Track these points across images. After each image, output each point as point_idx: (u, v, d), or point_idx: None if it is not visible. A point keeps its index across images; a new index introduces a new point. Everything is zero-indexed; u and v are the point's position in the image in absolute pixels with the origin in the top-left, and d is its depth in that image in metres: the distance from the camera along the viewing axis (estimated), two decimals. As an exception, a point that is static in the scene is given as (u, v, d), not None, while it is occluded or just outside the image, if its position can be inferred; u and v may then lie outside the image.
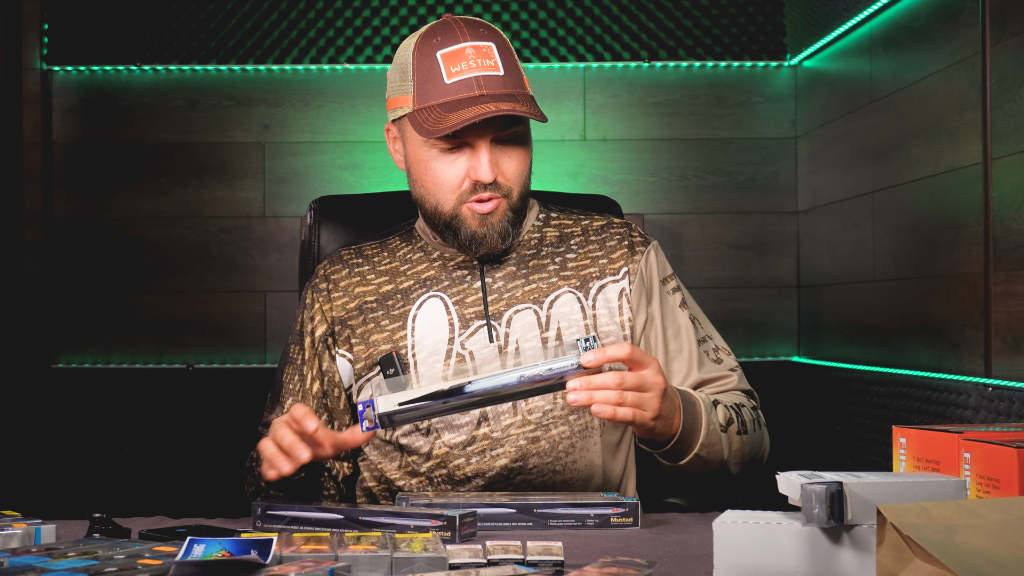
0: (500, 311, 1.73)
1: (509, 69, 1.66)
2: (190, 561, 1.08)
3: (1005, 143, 2.05)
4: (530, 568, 1.16)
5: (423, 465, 1.72)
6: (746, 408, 1.72)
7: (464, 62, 1.63)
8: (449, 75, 1.63)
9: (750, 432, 1.70)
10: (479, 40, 1.65)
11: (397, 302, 1.76)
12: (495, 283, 1.75)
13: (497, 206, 1.68)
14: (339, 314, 1.77)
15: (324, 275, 1.81)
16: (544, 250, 1.79)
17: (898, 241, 2.53)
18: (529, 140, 1.72)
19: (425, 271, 1.77)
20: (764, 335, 3.25)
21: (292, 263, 3.16)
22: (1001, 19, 2.07)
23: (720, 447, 1.63)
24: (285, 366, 1.81)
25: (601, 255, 1.79)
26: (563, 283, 1.76)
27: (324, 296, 1.79)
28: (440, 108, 1.63)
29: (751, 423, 1.71)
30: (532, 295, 1.74)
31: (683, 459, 1.61)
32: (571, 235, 1.81)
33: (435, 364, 1.71)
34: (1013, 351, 2.03)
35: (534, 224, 1.81)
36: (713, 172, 3.26)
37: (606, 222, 1.84)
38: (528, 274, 1.76)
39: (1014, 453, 1.15)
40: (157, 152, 3.23)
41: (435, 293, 1.75)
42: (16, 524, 1.32)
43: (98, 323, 3.20)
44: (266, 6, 3.19)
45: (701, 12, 3.20)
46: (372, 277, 1.79)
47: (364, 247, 1.84)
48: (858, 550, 1.09)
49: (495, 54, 1.65)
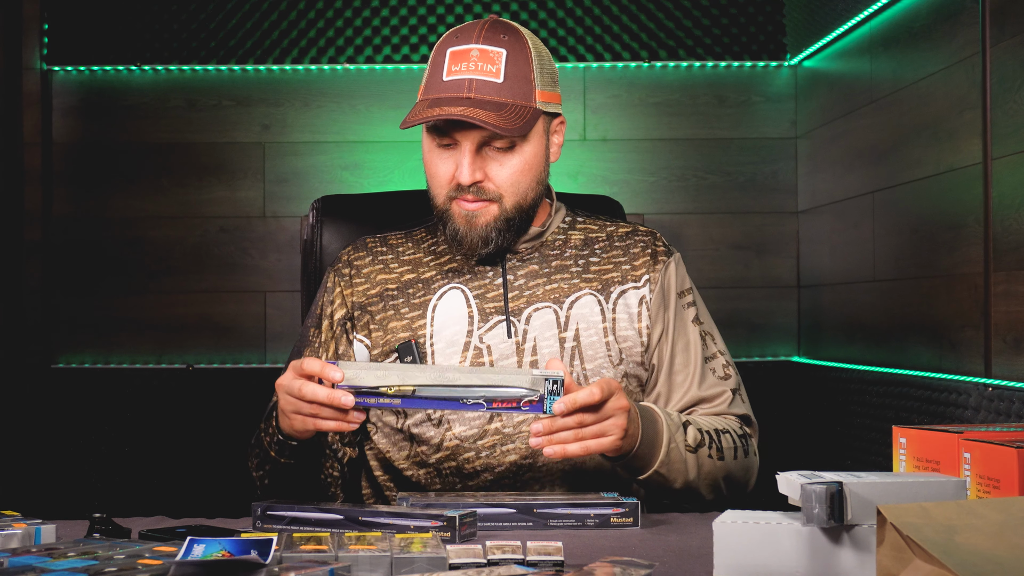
0: (520, 308, 1.75)
1: (514, 78, 1.66)
2: (190, 561, 1.08)
3: (1005, 143, 2.05)
4: (530, 568, 1.16)
5: (432, 456, 1.72)
6: (729, 435, 1.70)
7: (466, 63, 1.65)
8: (448, 72, 1.66)
9: (727, 459, 1.68)
10: (493, 45, 1.66)
11: (418, 291, 1.78)
12: (516, 280, 1.76)
13: (484, 209, 1.69)
14: (360, 299, 1.79)
15: (347, 260, 1.83)
16: (568, 252, 1.80)
17: (898, 241, 2.53)
18: (533, 151, 1.71)
19: (448, 263, 1.79)
20: (764, 335, 3.25)
21: (292, 263, 3.16)
22: (1001, 19, 2.07)
23: (683, 467, 1.63)
24: (302, 348, 1.82)
25: (624, 261, 1.80)
26: (585, 285, 1.77)
27: (346, 281, 1.81)
28: (429, 102, 1.66)
29: (731, 450, 1.69)
30: (553, 294, 1.76)
31: (643, 474, 1.62)
32: (596, 240, 1.82)
33: (452, 355, 1.72)
34: (1013, 351, 2.03)
35: (559, 226, 1.82)
36: (713, 172, 3.26)
37: (631, 229, 1.85)
38: (550, 274, 1.77)
39: (1014, 453, 1.15)
40: (157, 152, 3.23)
41: (456, 285, 1.77)
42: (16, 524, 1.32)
43: (98, 323, 3.20)
44: (266, 6, 3.19)
45: (701, 12, 3.20)
46: (395, 266, 1.81)
47: (389, 236, 1.86)
48: (858, 550, 1.09)
49: (501, 61, 1.66)
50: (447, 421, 1.71)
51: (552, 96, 1.72)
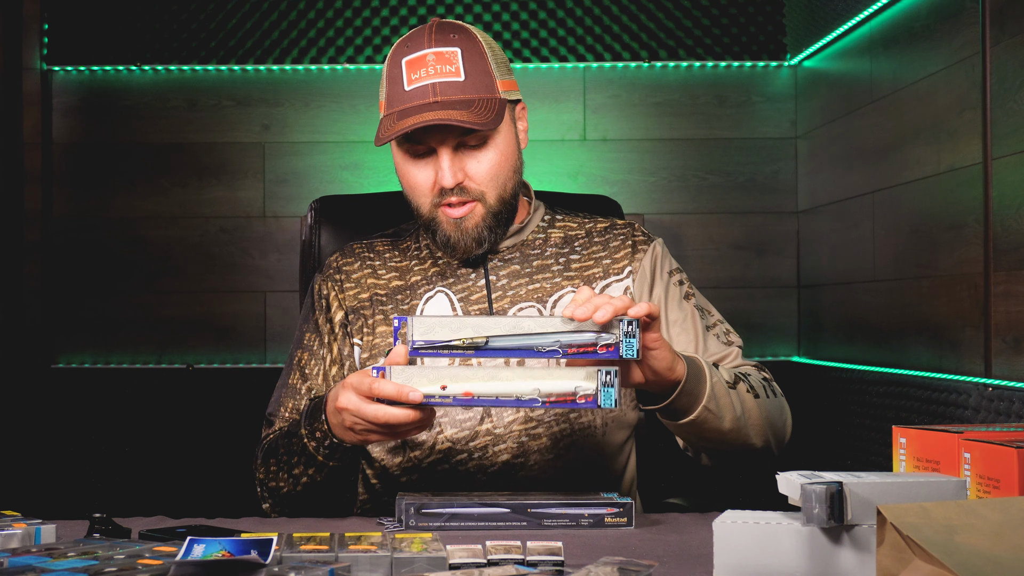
0: (504, 308, 1.75)
1: (474, 73, 1.67)
2: (190, 561, 1.08)
3: (1005, 143, 2.05)
4: (530, 568, 1.16)
5: (425, 461, 1.72)
6: (753, 377, 1.68)
7: (424, 68, 1.66)
8: (409, 82, 1.66)
9: (762, 396, 1.65)
10: (445, 46, 1.67)
11: (405, 297, 1.78)
12: (499, 280, 1.77)
13: (471, 210, 1.70)
14: (352, 304, 1.80)
15: (337, 266, 1.83)
16: (548, 250, 1.80)
17: (898, 241, 2.53)
18: (505, 142, 1.71)
19: (431, 267, 1.79)
20: (764, 335, 3.25)
21: (292, 263, 3.16)
22: (1001, 19, 2.07)
23: (729, 403, 1.58)
24: (299, 352, 1.81)
25: (604, 255, 1.80)
26: (567, 283, 1.77)
27: (339, 286, 1.81)
28: (397, 115, 1.65)
29: (761, 387, 1.66)
30: (536, 294, 1.76)
31: (690, 414, 1.55)
32: (575, 237, 1.83)
33: (440, 359, 1.72)
34: (1013, 351, 2.03)
35: (539, 225, 1.83)
36: (713, 172, 3.26)
37: (609, 224, 1.85)
38: (532, 273, 1.78)
39: (1014, 453, 1.15)
40: (157, 152, 3.23)
41: (440, 289, 1.77)
42: (16, 524, 1.32)
43: (98, 323, 3.20)
44: (266, 6, 3.19)
45: (701, 12, 3.20)
46: (383, 272, 1.82)
47: (375, 242, 1.86)
48: (858, 550, 1.09)
49: (458, 60, 1.66)
50: (439, 424, 1.71)
51: (510, 84, 1.73)
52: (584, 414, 1.73)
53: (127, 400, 3.15)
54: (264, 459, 1.72)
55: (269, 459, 1.70)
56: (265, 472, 1.71)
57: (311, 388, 1.78)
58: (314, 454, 1.61)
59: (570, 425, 1.72)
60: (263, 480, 1.72)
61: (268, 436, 1.76)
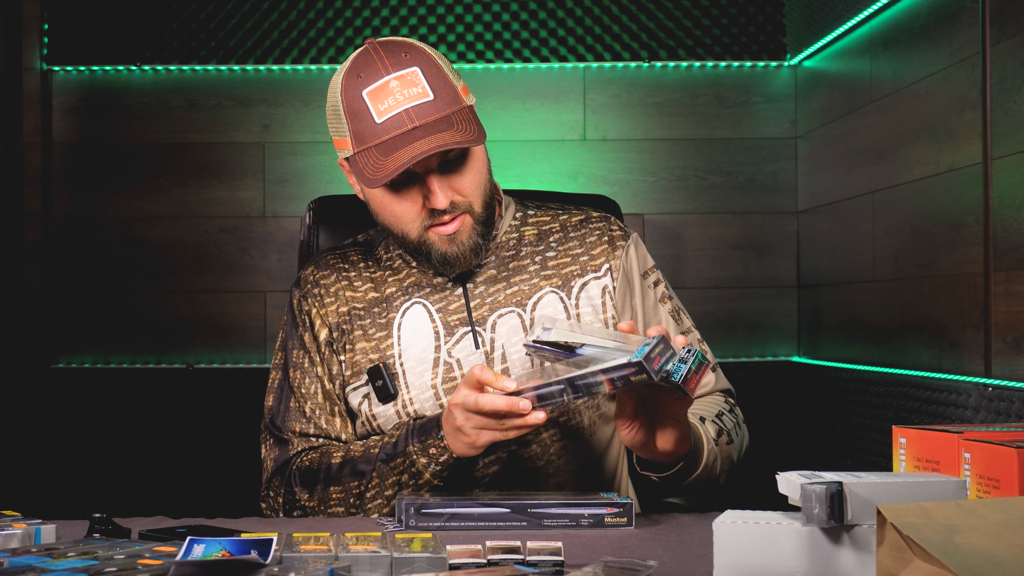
0: (484, 316, 1.73)
1: (439, 88, 1.62)
2: (190, 561, 1.08)
3: (1005, 143, 2.05)
4: (530, 568, 1.16)
5: None
6: (726, 415, 1.70)
7: (391, 97, 1.60)
8: (379, 114, 1.60)
9: (735, 440, 1.69)
10: (403, 68, 1.61)
11: (383, 310, 1.75)
12: (476, 288, 1.74)
13: (462, 223, 1.67)
14: (334, 320, 1.77)
15: (315, 280, 1.80)
16: (523, 250, 1.78)
17: (898, 241, 2.53)
18: (480, 148, 1.68)
19: (407, 277, 1.77)
20: (764, 335, 3.25)
21: (292, 263, 3.16)
22: (1001, 19, 2.07)
23: (713, 459, 1.61)
24: (292, 372, 1.77)
25: (581, 252, 1.78)
26: (545, 283, 1.75)
27: (319, 302, 1.78)
28: (377, 151, 1.60)
29: (734, 428, 1.70)
30: (515, 298, 1.74)
31: (688, 478, 1.57)
32: (550, 232, 1.80)
33: (423, 373, 1.71)
34: (1013, 351, 2.03)
35: (511, 224, 1.80)
36: (713, 172, 3.26)
37: (584, 216, 1.82)
38: (509, 276, 1.75)
39: (1014, 453, 1.15)
40: (157, 152, 3.23)
41: (418, 300, 1.74)
42: (16, 524, 1.32)
43: (98, 323, 3.20)
44: (266, 6, 3.19)
45: (701, 12, 3.20)
46: (359, 284, 1.79)
47: (348, 252, 1.83)
48: (858, 550, 1.09)
49: (421, 79, 1.61)
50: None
51: (464, 87, 1.68)
52: (571, 416, 1.73)
53: (127, 400, 3.15)
54: (305, 484, 1.67)
55: (316, 485, 1.66)
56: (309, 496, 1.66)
57: (313, 409, 1.75)
58: (422, 471, 1.59)
59: (559, 429, 1.72)
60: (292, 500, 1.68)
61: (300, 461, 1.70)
